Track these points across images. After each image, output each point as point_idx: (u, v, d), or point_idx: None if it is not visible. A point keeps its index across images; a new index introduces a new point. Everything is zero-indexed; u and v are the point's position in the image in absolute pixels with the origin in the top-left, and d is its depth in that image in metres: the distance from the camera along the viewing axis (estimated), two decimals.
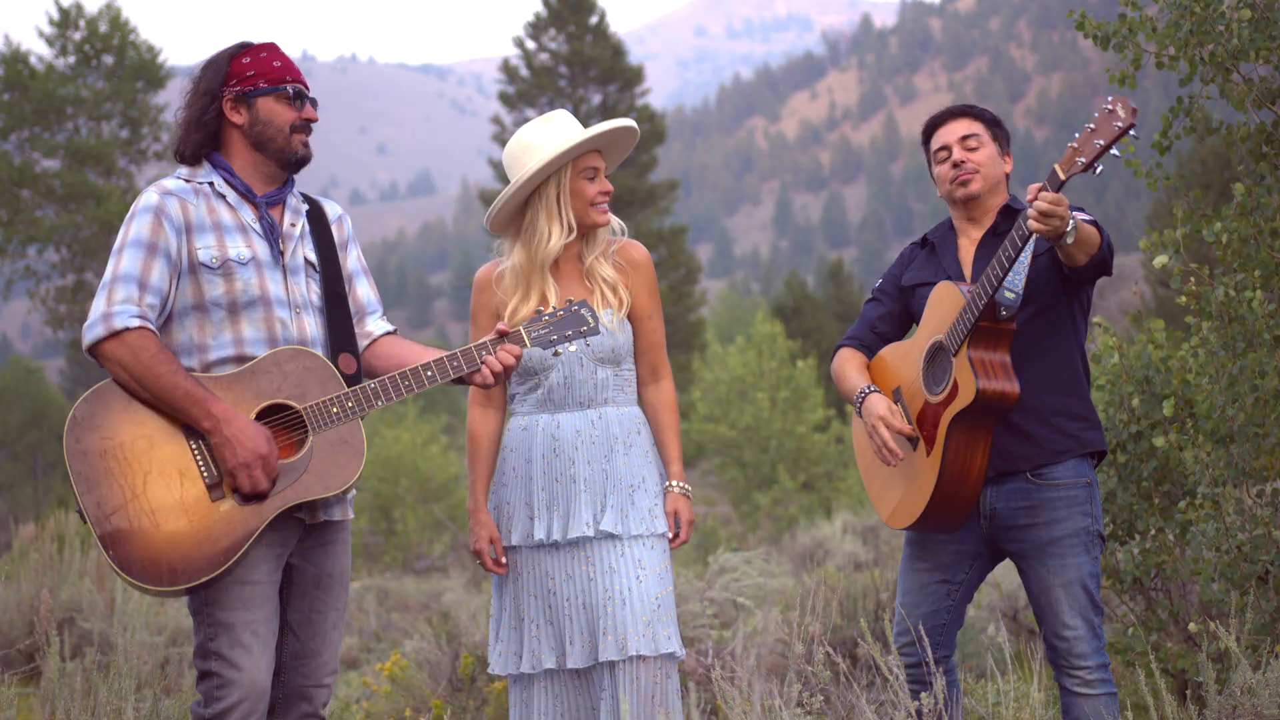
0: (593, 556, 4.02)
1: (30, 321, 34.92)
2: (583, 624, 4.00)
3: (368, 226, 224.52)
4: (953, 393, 3.99)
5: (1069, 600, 4.01)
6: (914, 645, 4.16)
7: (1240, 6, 5.05)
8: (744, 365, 24.27)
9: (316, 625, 3.75)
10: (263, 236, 3.67)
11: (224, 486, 3.49)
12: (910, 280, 4.35)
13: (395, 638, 9.59)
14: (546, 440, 4.09)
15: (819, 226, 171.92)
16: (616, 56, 36.10)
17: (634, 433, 4.14)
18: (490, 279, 4.20)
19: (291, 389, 3.57)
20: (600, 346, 4.07)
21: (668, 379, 4.25)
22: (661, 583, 4.01)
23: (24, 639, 6.80)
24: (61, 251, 30.86)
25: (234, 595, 3.54)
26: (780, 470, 21.72)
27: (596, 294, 4.12)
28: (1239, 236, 5.05)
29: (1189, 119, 5.20)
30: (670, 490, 4.14)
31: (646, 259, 4.21)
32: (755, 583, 8.25)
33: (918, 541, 4.23)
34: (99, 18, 32.00)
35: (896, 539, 13.69)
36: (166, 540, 3.44)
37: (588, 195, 4.08)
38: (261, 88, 3.67)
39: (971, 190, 4.17)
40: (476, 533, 4.14)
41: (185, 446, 3.49)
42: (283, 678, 3.73)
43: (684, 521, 4.12)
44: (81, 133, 31.51)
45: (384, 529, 22.08)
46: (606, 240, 4.18)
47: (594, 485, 4.06)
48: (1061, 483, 4.05)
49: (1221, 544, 4.84)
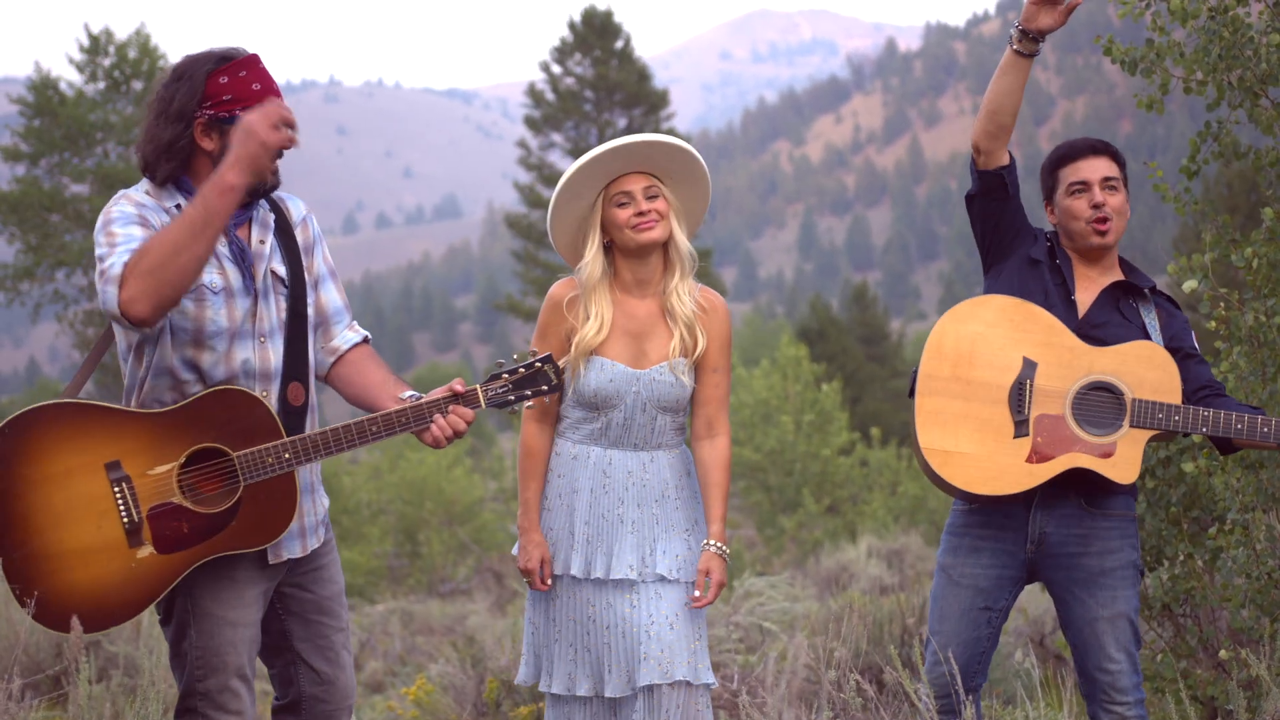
0: (636, 590, 4.01)
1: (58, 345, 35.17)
2: (620, 652, 3.98)
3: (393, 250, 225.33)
4: (1105, 452, 3.92)
5: (1114, 634, 3.98)
6: (950, 676, 4.09)
7: (1269, 31, 5.03)
8: (769, 388, 24.23)
9: (328, 650, 3.68)
10: (233, 262, 3.48)
11: (143, 533, 3.32)
12: (1031, 252, 4.18)
13: (420, 661, 9.58)
14: (597, 475, 4.05)
15: (843, 250, 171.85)
16: (642, 80, 36.21)
17: (684, 474, 4.12)
18: (563, 300, 4.09)
19: (227, 433, 3.37)
20: (668, 396, 4.03)
21: (724, 436, 4.15)
22: (699, 616, 4.03)
23: (52, 663, 6.81)
24: (90, 275, 31.03)
25: (225, 638, 3.46)
26: (805, 494, 21.65)
27: (676, 339, 4.05)
28: (1268, 261, 5.03)
29: (1217, 144, 5.18)
30: (708, 549, 4.04)
31: (725, 311, 4.14)
32: (780, 607, 8.22)
33: (958, 564, 4.12)
34: (129, 44, 32.21)
35: (922, 563, 13.62)
36: (77, 585, 3.29)
37: (620, 221, 4.01)
38: (238, 115, 3.37)
39: (1107, 241, 4.12)
40: (529, 551, 4.08)
41: (107, 487, 3.31)
42: (303, 707, 3.67)
43: (714, 583, 4.01)
44: (110, 158, 31.70)
45: (408, 552, 22.07)
46: (685, 275, 4.07)
47: (641, 529, 4.03)
48: (1115, 513, 4.01)
49: (1251, 570, 4.80)
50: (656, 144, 3.98)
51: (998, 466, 3.97)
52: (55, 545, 3.29)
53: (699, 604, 3.99)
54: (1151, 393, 3.90)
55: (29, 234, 30.42)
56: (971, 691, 4.11)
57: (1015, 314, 4.05)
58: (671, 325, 4.06)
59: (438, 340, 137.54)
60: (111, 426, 3.34)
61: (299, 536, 3.59)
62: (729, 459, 4.13)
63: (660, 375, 4.02)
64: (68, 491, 3.29)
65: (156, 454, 3.34)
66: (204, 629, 3.46)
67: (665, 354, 4.05)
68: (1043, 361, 3.98)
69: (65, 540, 3.29)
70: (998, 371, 4.01)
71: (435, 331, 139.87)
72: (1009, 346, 4.01)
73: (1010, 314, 4.05)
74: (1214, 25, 5.05)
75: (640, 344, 4.06)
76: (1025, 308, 4.05)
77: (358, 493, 21.78)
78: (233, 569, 3.49)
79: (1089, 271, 4.17)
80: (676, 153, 3.99)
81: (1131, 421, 3.89)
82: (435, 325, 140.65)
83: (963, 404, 4.02)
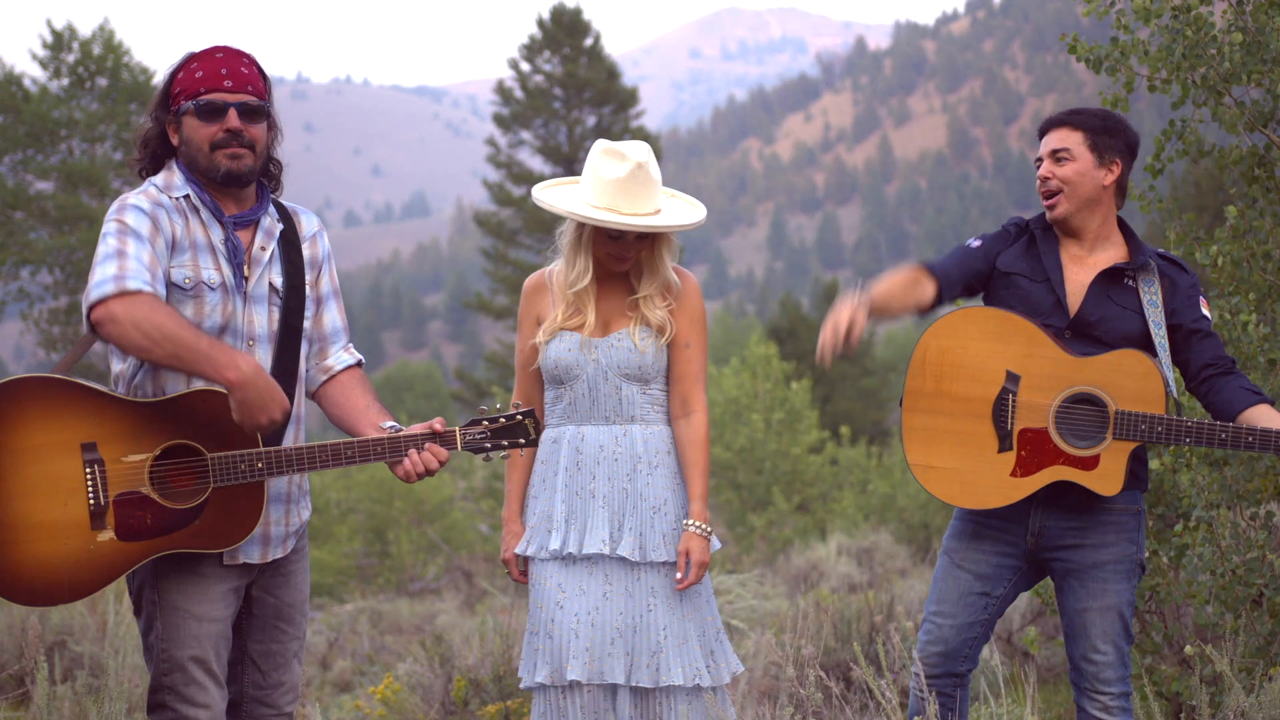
0: (611, 576, 4.01)
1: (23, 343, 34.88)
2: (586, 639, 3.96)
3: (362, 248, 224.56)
4: (1088, 464, 3.91)
5: (1103, 625, 3.99)
6: (942, 656, 4.11)
7: (1232, 30, 5.07)
8: (738, 387, 24.25)
9: (278, 657, 3.69)
10: (227, 259, 3.50)
11: (106, 518, 3.34)
12: (1006, 266, 4.15)
13: (388, 660, 9.54)
14: (570, 453, 4.07)
15: (814, 248, 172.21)
16: (611, 79, 36.18)
17: (662, 453, 4.09)
18: (540, 283, 4.19)
19: (206, 433, 3.38)
20: (628, 363, 4.04)
21: (700, 413, 4.09)
22: (671, 611, 4.00)
23: (14, 663, 6.76)
24: (55, 273, 30.80)
25: (189, 631, 3.47)
26: (775, 492, 21.68)
27: (639, 319, 4.08)
28: (1232, 259, 5.06)
29: (1181, 142, 5.21)
30: (687, 529, 4.01)
31: (695, 289, 4.15)
32: (749, 605, 8.23)
33: (961, 549, 4.14)
34: (93, 40, 31.99)
35: (891, 561, 13.66)
36: (32, 558, 3.31)
37: (604, 250, 4.06)
38: (184, 106, 3.47)
39: (1056, 215, 4.07)
40: (508, 542, 4.17)
41: (80, 467, 3.32)
42: (244, 709, 3.68)
43: (694, 563, 3.97)
44: (75, 155, 31.49)
45: (378, 551, 22.01)
46: (659, 287, 4.10)
47: (613, 503, 4.04)
48: (1115, 507, 4.01)
49: (1216, 567, 4.83)
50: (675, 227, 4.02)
51: (982, 481, 3.98)
52: (20, 516, 3.31)
53: (681, 586, 3.97)
54: (1133, 402, 3.89)
55: None
56: (959, 677, 4.13)
57: (997, 326, 4.02)
58: (633, 314, 4.10)
59: (407, 339, 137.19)
60: (94, 408, 3.36)
61: (261, 544, 3.58)
62: (707, 436, 4.06)
63: (618, 341, 4.05)
64: (42, 465, 3.31)
65: (133, 442, 3.36)
66: (169, 622, 3.47)
67: (626, 324, 4.09)
68: (1026, 374, 3.97)
69: (30, 513, 3.31)
70: (981, 385, 4.00)
71: (405, 330, 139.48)
72: (991, 360, 4.00)
73: (992, 326, 4.03)
74: (1177, 24, 5.09)
75: (604, 318, 4.10)
76: (1007, 319, 4.03)
77: (326, 491, 21.70)
78: (198, 564, 3.50)
79: (1078, 251, 4.11)
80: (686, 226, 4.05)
81: (1114, 433, 3.89)
82: (405, 323, 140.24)
83: (947, 419, 4.02)
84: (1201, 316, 4.05)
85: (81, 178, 30.82)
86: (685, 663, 3.96)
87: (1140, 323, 4.02)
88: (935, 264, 4.15)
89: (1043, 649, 7.06)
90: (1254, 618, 4.74)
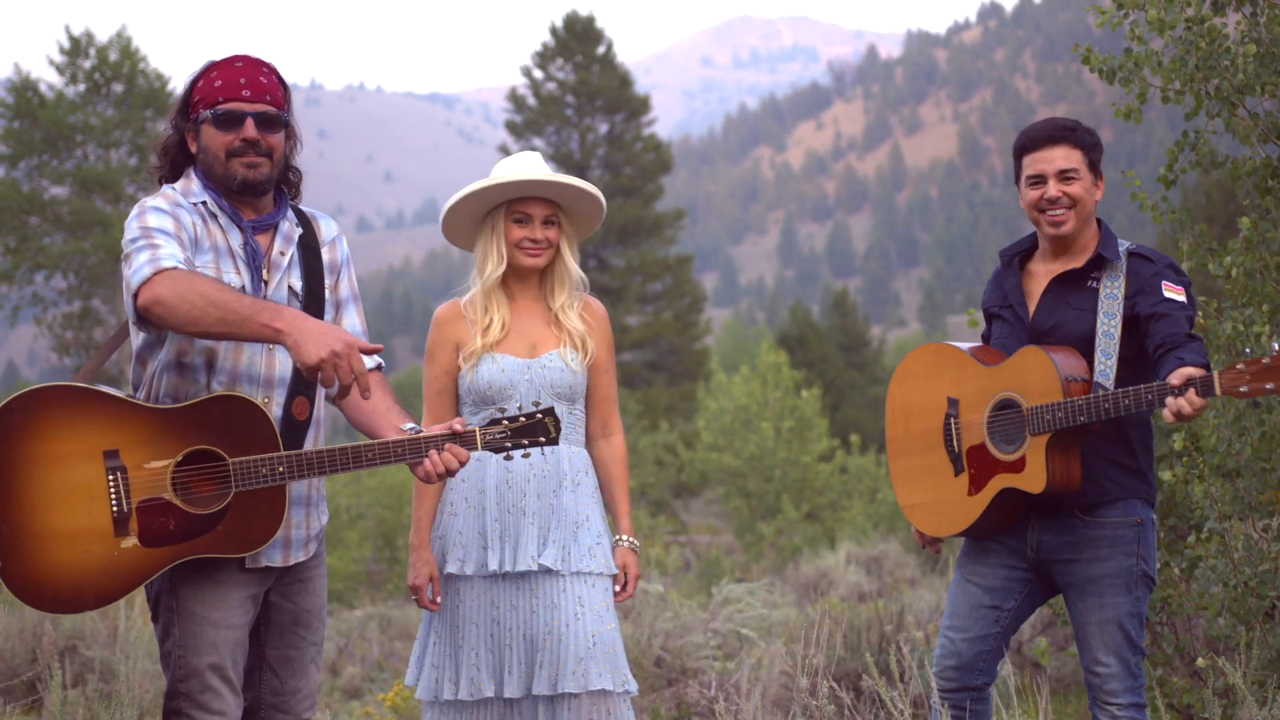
0: (537, 590, 4.09)
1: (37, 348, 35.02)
2: (522, 654, 4.07)
3: (374, 253, 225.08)
4: (1018, 466, 3.95)
5: (1103, 637, 4.00)
6: (957, 670, 4.14)
7: (1246, 42, 5.06)
8: (748, 395, 24.27)
9: (296, 663, 3.69)
10: (246, 264, 3.52)
11: (130, 524, 3.34)
12: (986, 306, 4.32)
13: (398, 667, 9.55)
14: (500, 471, 4.14)
15: (824, 256, 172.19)
16: (623, 86, 36.25)
17: (582, 472, 4.22)
18: (455, 311, 4.29)
19: (227, 438, 3.38)
20: (560, 382, 4.17)
21: (619, 434, 4.36)
22: (599, 620, 4.08)
23: (27, 669, 6.78)
24: (69, 278, 30.91)
25: (207, 638, 3.47)
26: (784, 500, 21.67)
27: (564, 340, 4.23)
28: (1245, 271, 5.05)
29: (1194, 153, 5.20)
30: (619, 544, 4.24)
31: (605, 316, 4.38)
32: (759, 614, 8.23)
33: (970, 564, 4.20)
34: (109, 46, 32.12)
35: (900, 571, 13.64)
36: (56, 566, 3.31)
37: (512, 238, 4.20)
38: (203, 114, 3.51)
39: (1063, 232, 4.06)
40: (418, 569, 4.17)
41: (103, 474, 3.32)
42: (261, 715, 3.68)
43: (631, 576, 4.23)
44: (90, 160, 31.60)
45: (387, 557, 22.03)
46: (571, 293, 4.27)
47: (541, 519, 4.13)
48: (1108, 521, 4.00)
49: (1229, 579, 4.82)
50: (570, 186, 4.18)
51: (951, 507, 4.13)
52: (44, 524, 3.31)
53: (620, 598, 4.19)
54: (1040, 395, 3.92)
55: (7, 237, 30.33)
56: (976, 690, 4.15)
57: (931, 359, 4.26)
58: (559, 332, 4.26)
59: (418, 345, 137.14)
60: (115, 416, 3.36)
61: (283, 547, 3.59)
62: (626, 455, 4.36)
63: (550, 362, 4.19)
64: (64, 473, 3.32)
65: (155, 449, 3.37)
66: (186, 628, 3.48)
67: (555, 347, 4.23)
68: (962, 396, 4.12)
69: (54, 521, 3.32)
70: (930, 417, 4.20)
71: (416, 336, 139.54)
72: (934, 391, 4.20)
73: (928, 360, 4.27)
74: (1191, 35, 5.08)
75: (530, 339, 4.24)
76: (939, 350, 4.27)
77: (337, 497, 21.74)
78: (216, 571, 3.49)
79: (1053, 264, 4.14)
80: (585, 196, 4.22)
81: (1030, 430, 3.92)
82: (416, 330, 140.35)
83: (917, 457, 4.25)
84: (1162, 300, 3.95)
85: (96, 183, 30.92)
86: (614, 669, 4.06)
87: (1093, 321, 4.02)
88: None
89: (1053, 659, 7.05)
90: (1266, 630, 4.73)
